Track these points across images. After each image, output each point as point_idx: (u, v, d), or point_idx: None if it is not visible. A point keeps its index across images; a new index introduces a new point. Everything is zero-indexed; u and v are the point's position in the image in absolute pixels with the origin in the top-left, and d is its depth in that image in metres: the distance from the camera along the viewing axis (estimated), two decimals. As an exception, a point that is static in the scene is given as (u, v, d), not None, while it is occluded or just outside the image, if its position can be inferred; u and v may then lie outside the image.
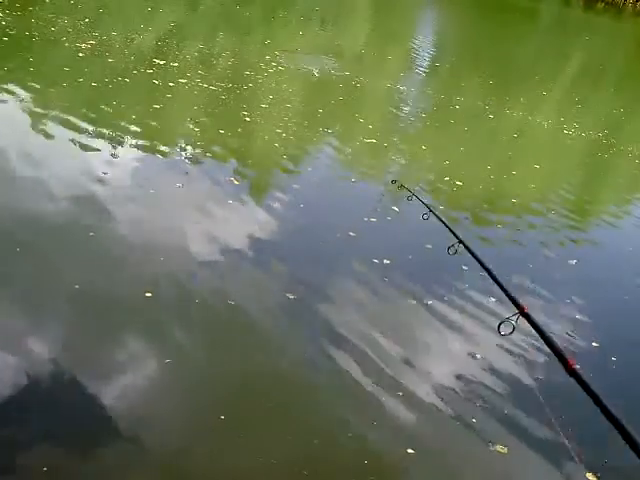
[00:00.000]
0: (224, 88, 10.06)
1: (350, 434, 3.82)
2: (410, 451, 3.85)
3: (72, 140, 7.20)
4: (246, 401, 4.07)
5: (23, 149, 6.80)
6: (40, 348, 4.12)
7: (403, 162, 9.11)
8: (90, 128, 7.62)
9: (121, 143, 7.41)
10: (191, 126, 8.45)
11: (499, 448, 4.01)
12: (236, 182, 7.01)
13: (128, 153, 7.26)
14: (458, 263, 6.22)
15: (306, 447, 3.81)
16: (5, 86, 8.53)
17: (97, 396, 3.85)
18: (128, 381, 4.03)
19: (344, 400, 4.18)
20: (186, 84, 9.87)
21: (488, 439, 4.07)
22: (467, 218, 7.61)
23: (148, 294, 4.74)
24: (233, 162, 7.54)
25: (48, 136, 7.24)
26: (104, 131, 7.63)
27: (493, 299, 5.72)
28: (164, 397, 3.99)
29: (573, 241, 7.68)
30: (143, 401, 3.92)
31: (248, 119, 9.05)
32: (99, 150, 7.11)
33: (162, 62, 10.67)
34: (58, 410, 3.74)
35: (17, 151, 6.70)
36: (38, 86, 8.75)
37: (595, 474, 3.91)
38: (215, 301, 4.89)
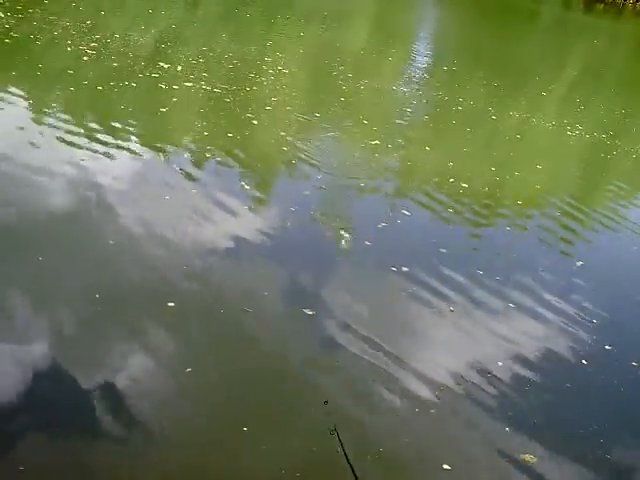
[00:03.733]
0: (228, 90, 10.05)
1: (382, 449, 3.85)
2: (446, 467, 3.88)
3: (79, 145, 7.19)
4: (267, 411, 4.07)
5: (33, 154, 6.79)
6: (61, 353, 4.16)
7: (408, 164, 9.12)
8: (98, 133, 7.62)
9: (130, 149, 7.40)
10: (199, 130, 8.45)
11: (528, 457, 4.05)
12: (247, 187, 7.02)
13: (138, 159, 7.26)
14: (473, 268, 6.26)
15: (330, 461, 3.84)
16: (11, 89, 8.52)
17: (118, 403, 3.88)
18: (149, 388, 4.05)
19: (370, 412, 4.19)
20: (191, 87, 9.87)
21: (517, 448, 4.10)
22: (474, 220, 7.64)
23: (171, 303, 4.76)
24: (243, 167, 7.53)
25: (56, 141, 7.23)
26: (113, 136, 7.63)
27: (512, 305, 5.76)
28: (185, 405, 4.01)
29: (579, 243, 7.72)
30: (164, 409, 3.94)
31: (255, 122, 9.06)
32: (108, 156, 7.10)
33: (167, 65, 10.66)
34: (75, 417, 3.78)
35: (26, 156, 6.68)
36: (44, 90, 8.77)
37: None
38: (235, 310, 4.88)
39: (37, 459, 3.49)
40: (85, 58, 10.20)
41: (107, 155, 7.12)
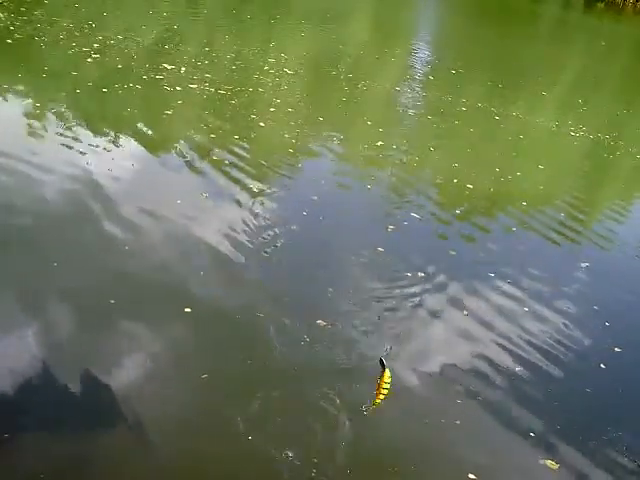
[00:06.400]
0: (233, 92, 10.06)
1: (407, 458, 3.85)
2: (472, 476, 3.88)
3: (86, 149, 7.18)
4: (284, 421, 4.05)
5: (39, 157, 6.77)
6: (74, 357, 4.20)
7: (414, 165, 9.12)
8: (105, 136, 7.62)
9: (138, 152, 7.40)
10: (205, 132, 8.44)
11: (549, 463, 4.06)
12: (255, 190, 7.02)
13: (146, 163, 7.27)
14: (483, 271, 6.29)
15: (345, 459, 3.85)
16: (17, 91, 8.53)
17: (132, 409, 3.90)
18: (164, 394, 4.06)
19: (390, 421, 4.19)
20: (195, 89, 9.87)
21: (539, 454, 4.12)
22: (480, 221, 7.66)
23: (188, 309, 4.77)
24: (251, 170, 7.51)
25: (62, 144, 7.22)
26: (119, 139, 7.64)
27: (526, 309, 5.78)
28: (199, 412, 4.01)
29: (583, 244, 7.73)
30: (178, 416, 3.95)
31: (262, 124, 9.06)
32: (116, 160, 7.10)
33: (170, 67, 10.65)
34: (87, 421, 3.81)
35: (32, 159, 6.66)
36: (50, 91, 8.77)
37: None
38: (250, 317, 4.88)
39: (51, 463, 3.50)
40: (89, 60, 10.19)
41: (115, 159, 7.11)
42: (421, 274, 5.94)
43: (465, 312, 5.52)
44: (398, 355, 4.82)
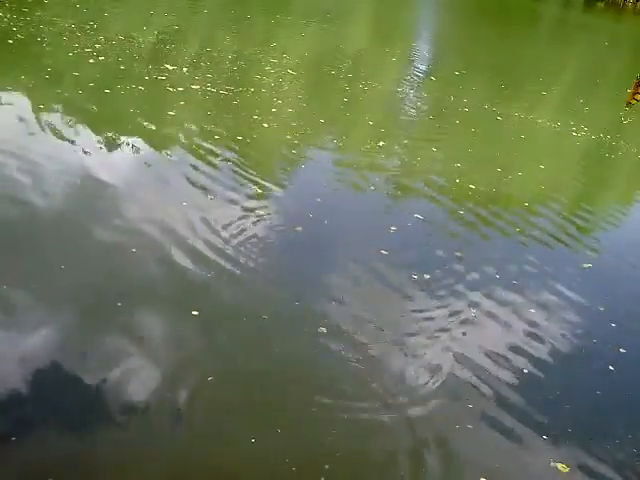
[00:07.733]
0: (235, 92, 10.06)
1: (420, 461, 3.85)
2: None
3: (90, 150, 7.17)
4: (286, 424, 4.03)
5: (42, 159, 6.74)
6: (81, 358, 4.20)
7: (417, 165, 9.13)
8: (109, 138, 7.61)
9: (143, 154, 7.41)
10: (209, 134, 8.42)
11: (560, 466, 4.07)
12: (259, 191, 7.02)
13: (152, 164, 7.28)
14: (490, 272, 6.29)
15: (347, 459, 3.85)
16: (20, 92, 8.52)
17: (136, 412, 3.90)
18: (171, 397, 4.05)
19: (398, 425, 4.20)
20: (198, 90, 9.87)
21: (550, 457, 4.12)
22: (484, 222, 7.66)
23: (195, 312, 4.76)
24: (255, 171, 7.49)
25: (66, 146, 7.22)
26: (124, 142, 7.63)
27: (532, 310, 5.79)
28: (203, 413, 4.01)
29: (585, 244, 7.74)
30: (184, 420, 3.94)
31: (265, 125, 9.05)
32: (121, 162, 7.10)
33: (172, 67, 10.65)
34: (94, 424, 3.80)
35: (35, 161, 6.63)
36: (52, 92, 8.74)
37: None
38: (254, 319, 4.87)
39: (53, 464, 3.50)
40: (91, 60, 10.18)
41: (119, 160, 7.13)
42: (427, 276, 5.94)
43: (473, 314, 5.52)
44: (405, 359, 4.82)
